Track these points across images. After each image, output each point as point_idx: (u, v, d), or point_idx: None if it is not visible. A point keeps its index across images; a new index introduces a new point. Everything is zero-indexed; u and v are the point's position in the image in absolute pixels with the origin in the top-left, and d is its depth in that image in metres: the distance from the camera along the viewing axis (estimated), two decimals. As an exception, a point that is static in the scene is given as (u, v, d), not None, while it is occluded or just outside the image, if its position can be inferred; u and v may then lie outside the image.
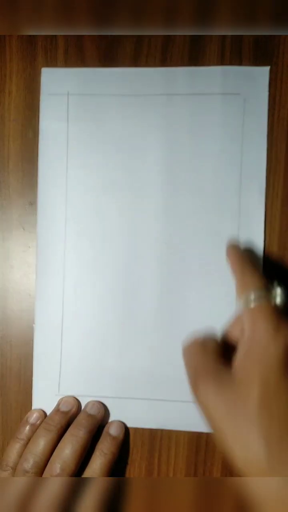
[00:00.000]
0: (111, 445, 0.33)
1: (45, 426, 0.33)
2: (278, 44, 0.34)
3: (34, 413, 0.34)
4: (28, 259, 0.36)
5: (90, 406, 0.34)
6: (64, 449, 0.31)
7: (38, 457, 0.31)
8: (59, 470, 0.30)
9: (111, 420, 0.34)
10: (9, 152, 0.36)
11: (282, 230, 0.34)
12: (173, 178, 0.34)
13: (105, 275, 0.35)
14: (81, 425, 0.32)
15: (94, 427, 0.33)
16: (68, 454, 0.31)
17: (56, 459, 0.31)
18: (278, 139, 0.34)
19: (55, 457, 0.31)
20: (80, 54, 0.35)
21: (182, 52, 0.35)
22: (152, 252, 0.35)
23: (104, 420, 0.34)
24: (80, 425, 0.32)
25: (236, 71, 0.34)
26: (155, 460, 0.35)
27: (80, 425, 0.32)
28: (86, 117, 0.35)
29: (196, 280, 0.34)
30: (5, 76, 0.36)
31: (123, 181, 0.35)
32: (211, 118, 0.34)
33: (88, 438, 0.32)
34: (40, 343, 0.35)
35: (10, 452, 0.33)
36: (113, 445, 0.33)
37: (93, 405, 0.34)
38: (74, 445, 0.31)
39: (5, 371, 0.36)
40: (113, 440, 0.33)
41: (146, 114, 0.35)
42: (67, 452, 0.31)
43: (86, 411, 0.34)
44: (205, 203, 0.34)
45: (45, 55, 0.36)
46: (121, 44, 0.35)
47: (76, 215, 0.35)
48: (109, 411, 0.34)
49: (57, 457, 0.31)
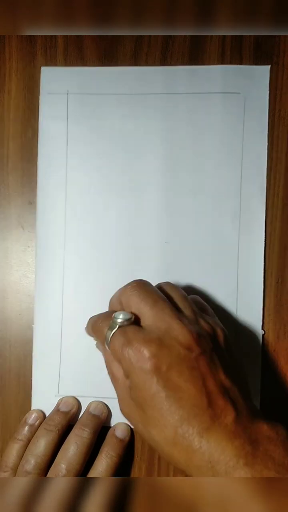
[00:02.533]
0: (118, 448, 0.32)
1: (45, 426, 0.32)
2: (279, 43, 0.34)
3: (33, 413, 0.34)
4: (28, 259, 0.36)
5: (93, 407, 0.34)
6: (69, 449, 0.31)
7: (40, 458, 0.31)
8: (65, 471, 0.30)
9: (113, 421, 0.34)
10: (9, 151, 0.36)
11: (283, 230, 0.34)
12: (173, 178, 0.34)
13: (105, 274, 0.35)
14: (86, 425, 0.32)
15: (98, 428, 0.33)
16: (73, 454, 0.31)
17: (61, 460, 0.31)
18: (278, 138, 0.34)
19: (60, 458, 0.31)
20: (79, 53, 0.35)
21: (182, 51, 0.35)
22: (151, 252, 0.34)
23: (105, 421, 0.34)
24: (85, 426, 0.32)
25: (237, 70, 0.34)
26: (155, 461, 0.34)
27: (85, 425, 0.32)
28: (85, 116, 0.35)
29: (195, 280, 0.34)
30: (4, 75, 0.36)
31: (123, 181, 0.35)
32: (211, 117, 0.34)
33: (93, 438, 0.32)
34: (40, 343, 0.35)
35: (9, 453, 0.32)
36: (120, 447, 0.32)
37: (96, 406, 0.34)
38: (79, 446, 0.31)
39: (5, 371, 0.35)
40: (120, 443, 0.33)
41: (146, 113, 0.35)
42: (72, 452, 0.31)
43: (89, 412, 0.33)
44: (206, 203, 0.34)
45: (44, 54, 0.36)
46: (121, 43, 0.35)
47: (75, 214, 0.35)
48: (111, 412, 0.34)
49: (62, 458, 0.31)
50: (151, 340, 0.25)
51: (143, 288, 0.28)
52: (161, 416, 0.24)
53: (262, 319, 0.34)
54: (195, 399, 0.24)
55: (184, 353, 0.25)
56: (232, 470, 0.22)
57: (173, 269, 0.34)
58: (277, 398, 0.34)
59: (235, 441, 0.23)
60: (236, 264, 0.34)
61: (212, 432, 0.23)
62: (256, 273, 0.34)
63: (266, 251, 0.34)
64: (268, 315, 0.34)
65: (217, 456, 0.22)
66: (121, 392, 0.27)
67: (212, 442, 0.23)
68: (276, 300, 0.34)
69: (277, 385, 0.34)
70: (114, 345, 0.26)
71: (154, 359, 0.24)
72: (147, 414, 0.25)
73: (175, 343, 0.25)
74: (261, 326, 0.34)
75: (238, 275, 0.34)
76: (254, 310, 0.34)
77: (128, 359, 0.25)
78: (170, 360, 0.24)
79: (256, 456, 0.22)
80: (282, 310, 0.34)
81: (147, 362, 0.24)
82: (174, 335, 0.25)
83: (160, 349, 0.25)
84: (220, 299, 0.34)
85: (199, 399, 0.24)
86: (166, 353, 0.25)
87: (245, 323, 0.34)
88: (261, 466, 0.22)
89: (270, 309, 0.34)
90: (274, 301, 0.34)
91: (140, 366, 0.24)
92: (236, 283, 0.34)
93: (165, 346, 0.25)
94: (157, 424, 0.24)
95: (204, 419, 0.23)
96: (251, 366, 0.34)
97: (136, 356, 0.25)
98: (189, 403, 0.24)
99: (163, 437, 0.24)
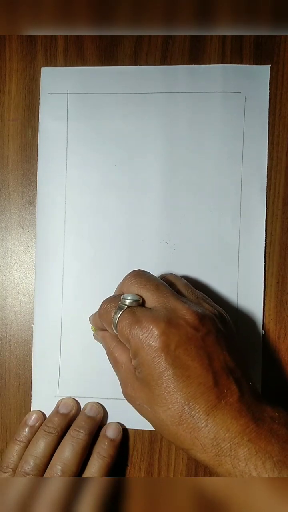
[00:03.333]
0: (109, 448, 0.32)
1: (44, 428, 0.32)
2: (279, 43, 0.34)
3: (32, 414, 0.34)
4: (27, 259, 0.36)
5: (88, 408, 0.34)
6: (64, 451, 0.31)
7: (39, 459, 0.31)
8: (60, 473, 0.30)
9: (109, 421, 0.34)
10: (9, 151, 0.36)
11: (284, 229, 0.34)
12: (174, 177, 0.34)
13: (105, 274, 0.35)
14: (81, 427, 0.32)
15: (93, 429, 0.33)
16: (68, 456, 0.31)
17: (56, 462, 0.31)
18: (279, 137, 0.34)
19: (56, 459, 0.31)
20: (79, 53, 0.35)
21: (183, 51, 0.35)
22: (152, 251, 0.34)
23: (102, 421, 0.34)
24: (80, 427, 0.32)
25: (237, 69, 0.34)
26: (155, 462, 0.34)
27: (80, 427, 0.32)
28: (85, 116, 0.35)
29: (196, 280, 0.34)
30: (4, 75, 0.36)
31: (123, 180, 0.35)
32: (212, 117, 0.34)
33: (88, 439, 0.32)
34: (39, 343, 0.35)
35: (10, 454, 0.32)
36: (111, 447, 0.32)
37: (91, 407, 0.34)
38: (75, 447, 0.31)
39: (4, 371, 0.35)
40: (111, 443, 0.33)
41: (146, 112, 0.34)
42: (68, 454, 0.31)
43: (85, 413, 0.33)
44: (206, 202, 0.34)
45: (44, 54, 0.36)
46: (121, 43, 0.35)
47: (75, 214, 0.35)
48: (107, 412, 0.34)
49: (58, 459, 0.31)
50: (160, 318, 0.25)
51: (142, 276, 0.28)
52: (168, 394, 0.24)
53: (263, 320, 0.34)
54: (202, 377, 0.24)
55: (191, 332, 0.25)
56: (236, 447, 0.23)
57: (173, 269, 0.34)
58: (278, 399, 0.33)
59: (240, 419, 0.23)
60: (236, 264, 0.34)
61: (218, 411, 0.24)
62: (256, 273, 0.34)
63: (266, 251, 0.34)
64: (269, 315, 0.34)
65: (223, 434, 0.23)
66: (125, 375, 0.27)
67: (218, 420, 0.23)
68: (277, 301, 0.34)
69: (278, 385, 0.34)
70: (122, 324, 0.26)
71: (163, 336, 0.25)
72: (154, 393, 0.25)
73: (183, 322, 0.25)
74: (261, 326, 0.34)
75: (238, 275, 0.34)
76: (255, 310, 0.34)
77: (137, 337, 0.25)
78: (179, 339, 0.25)
79: (260, 433, 0.23)
80: (283, 311, 0.34)
81: (156, 339, 0.25)
82: (181, 314, 0.26)
83: (169, 327, 0.25)
84: (220, 298, 0.34)
85: (206, 378, 0.24)
86: (174, 332, 0.25)
87: (246, 323, 0.34)
88: (265, 442, 0.22)
89: (271, 309, 0.34)
90: (275, 301, 0.34)
91: (149, 343, 0.25)
92: (237, 283, 0.34)
93: (173, 325, 0.25)
94: (164, 402, 0.24)
95: (211, 397, 0.24)
96: (252, 366, 0.33)
97: (145, 334, 0.25)
98: (196, 382, 0.24)
99: (170, 415, 0.24)
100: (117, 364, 0.28)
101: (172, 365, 0.24)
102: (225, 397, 0.24)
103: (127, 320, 0.26)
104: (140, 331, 0.25)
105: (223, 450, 0.23)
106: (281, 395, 0.34)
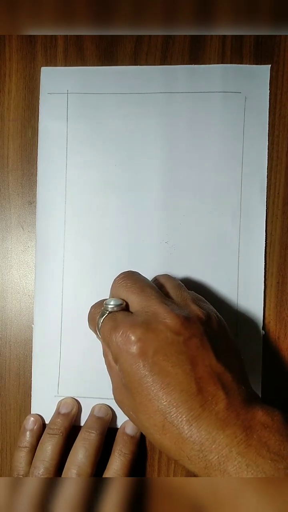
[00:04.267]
0: (130, 444, 0.32)
1: (49, 431, 0.32)
2: (279, 43, 0.34)
3: (30, 418, 0.34)
4: (27, 259, 0.36)
5: (97, 409, 0.33)
6: (77, 454, 0.31)
7: (48, 462, 0.31)
8: (75, 476, 0.30)
9: (118, 421, 0.34)
10: (9, 151, 0.36)
11: (284, 229, 0.34)
12: (174, 177, 0.34)
13: (105, 274, 0.34)
14: (92, 428, 0.32)
15: (104, 429, 0.33)
16: (82, 458, 0.31)
17: (71, 465, 0.31)
18: (279, 137, 0.34)
19: (70, 463, 0.31)
20: (79, 53, 0.35)
21: (183, 51, 0.35)
22: (152, 251, 0.34)
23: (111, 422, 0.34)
24: (91, 428, 0.32)
25: (237, 69, 0.34)
26: (155, 462, 0.34)
27: (91, 428, 0.32)
28: (85, 116, 0.35)
29: (196, 280, 0.34)
30: (4, 75, 0.36)
31: (122, 180, 0.35)
32: (211, 117, 0.34)
33: (100, 440, 0.32)
34: (39, 343, 0.35)
35: (17, 462, 0.32)
36: (132, 444, 0.32)
37: (100, 408, 0.34)
38: (88, 449, 0.31)
39: (4, 371, 0.35)
40: (131, 439, 0.32)
41: (146, 112, 0.34)
42: (81, 456, 0.31)
43: (94, 414, 0.33)
44: (206, 203, 0.34)
45: (44, 54, 0.36)
46: (121, 43, 0.35)
47: (75, 214, 0.35)
48: (115, 413, 0.34)
49: (72, 463, 0.31)
50: (137, 324, 0.25)
51: (130, 278, 0.28)
52: (149, 402, 0.23)
53: (263, 320, 0.34)
54: (184, 384, 0.23)
55: (171, 337, 0.24)
56: (225, 460, 0.21)
57: (173, 268, 0.34)
58: (278, 399, 0.33)
59: (227, 429, 0.22)
60: (236, 264, 0.34)
61: (202, 420, 0.22)
62: (256, 273, 0.34)
63: (266, 251, 0.34)
64: (269, 315, 0.34)
65: (209, 446, 0.22)
66: (114, 380, 0.27)
67: (202, 430, 0.22)
68: (277, 301, 0.34)
69: (278, 386, 0.34)
70: (103, 330, 0.26)
71: (140, 342, 0.24)
72: (136, 400, 0.24)
73: (163, 327, 0.24)
74: (261, 326, 0.34)
75: (238, 275, 0.34)
76: (255, 310, 0.34)
77: (116, 343, 0.25)
78: (157, 344, 0.24)
79: (249, 444, 0.21)
80: (283, 311, 0.34)
81: (133, 345, 0.24)
82: (162, 318, 0.25)
83: (146, 333, 0.24)
84: (220, 299, 0.34)
85: (188, 385, 0.23)
86: (152, 337, 0.24)
87: (246, 324, 0.34)
88: (255, 455, 0.21)
89: (271, 309, 0.34)
90: (275, 302, 0.34)
91: (127, 350, 0.24)
92: (237, 283, 0.34)
93: (151, 330, 0.24)
94: (146, 410, 0.24)
95: (194, 406, 0.23)
96: (252, 367, 0.33)
97: (123, 340, 0.24)
98: (177, 389, 0.23)
99: (153, 424, 0.23)
100: (109, 368, 0.28)
101: (150, 371, 0.23)
102: (210, 405, 0.23)
103: (107, 326, 0.26)
104: (119, 337, 0.25)
105: (212, 463, 0.22)
106: (281, 395, 0.34)
